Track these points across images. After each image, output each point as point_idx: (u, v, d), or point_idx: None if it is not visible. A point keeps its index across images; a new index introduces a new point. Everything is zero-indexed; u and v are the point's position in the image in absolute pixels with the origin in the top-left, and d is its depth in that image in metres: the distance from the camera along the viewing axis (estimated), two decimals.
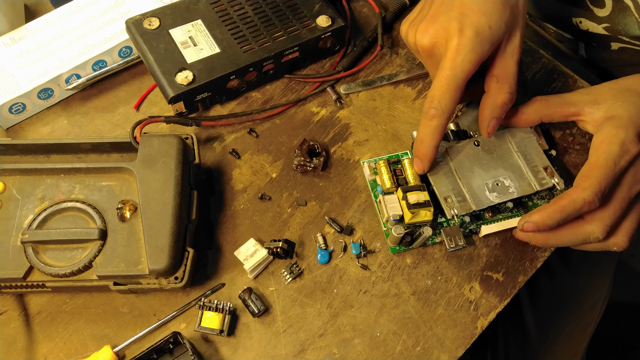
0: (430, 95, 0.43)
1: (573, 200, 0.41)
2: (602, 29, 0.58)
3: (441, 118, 0.43)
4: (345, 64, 0.56)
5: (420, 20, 0.45)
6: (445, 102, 0.42)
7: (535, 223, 0.42)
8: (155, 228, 0.42)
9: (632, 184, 0.43)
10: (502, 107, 0.44)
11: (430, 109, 0.43)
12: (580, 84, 0.56)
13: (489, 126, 0.45)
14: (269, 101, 0.55)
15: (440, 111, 0.42)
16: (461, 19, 0.42)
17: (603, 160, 0.42)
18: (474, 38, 0.41)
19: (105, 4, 0.56)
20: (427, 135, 0.44)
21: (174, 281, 0.42)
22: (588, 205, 0.41)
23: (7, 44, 0.53)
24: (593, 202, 0.41)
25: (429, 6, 0.45)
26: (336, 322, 0.44)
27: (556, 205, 0.42)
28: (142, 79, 0.56)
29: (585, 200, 0.41)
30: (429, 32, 0.43)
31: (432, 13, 0.44)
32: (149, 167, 0.44)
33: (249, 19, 0.53)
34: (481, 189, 0.45)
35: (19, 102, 0.51)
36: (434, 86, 0.42)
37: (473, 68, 0.42)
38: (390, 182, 0.46)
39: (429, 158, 0.45)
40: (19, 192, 0.44)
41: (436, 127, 0.43)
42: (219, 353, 0.43)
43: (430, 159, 0.45)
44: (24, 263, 0.42)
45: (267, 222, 0.48)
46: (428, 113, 0.43)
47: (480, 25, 0.41)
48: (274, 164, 0.51)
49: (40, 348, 0.43)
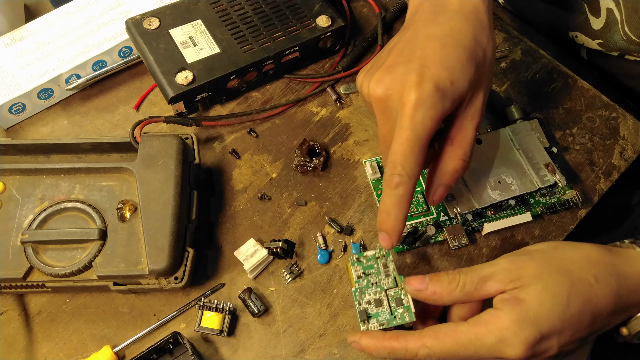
0: (391, 161, 0.37)
1: (405, 348, 0.36)
2: (596, 45, 0.57)
3: (407, 185, 0.37)
4: (345, 64, 0.56)
5: (376, 69, 0.39)
6: (410, 166, 0.37)
7: (362, 348, 0.38)
8: (155, 228, 0.42)
9: None
10: (452, 175, 0.40)
11: (393, 177, 0.37)
12: (580, 84, 0.56)
13: (435, 194, 0.40)
14: (269, 101, 0.54)
15: (406, 177, 0.37)
16: (421, 71, 0.36)
17: (466, 339, 0.35)
18: (434, 93, 0.36)
19: (105, 4, 0.56)
20: (393, 207, 0.38)
21: (174, 281, 0.42)
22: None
23: (7, 44, 0.53)
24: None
25: (386, 55, 0.40)
26: (336, 322, 0.44)
27: (388, 344, 0.37)
28: (142, 79, 0.56)
29: (416, 356, 0.36)
30: (383, 82, 0.38)
31: (389, 62, 0.39)
32: (149, 167, 0.44)
33: (249, 19, 0.53)
34: (483, 187, 0.45)
35: (19, 102, 0.51)
36: (395, 150, 0.37)
37: (434, 126, 0.37)
38: None
39: (397, 231, 0.38)
40: (19, 192, 0.44)
41: (402, 195, 0.37)
42: (219, 353, 0.43)
43: (399, 232, 0.38)
44: (24, 263, 0.42)
45: (267, 222, 0.48)
46: (392, 181, 0.37)
47: (442, 79, 0.36)
48: (274, 164, 0.51)
49: (40, 348, 0.43)
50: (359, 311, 0.41)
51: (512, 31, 0.59)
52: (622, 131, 0.53)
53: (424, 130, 0.36)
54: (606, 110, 0.54)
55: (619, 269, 0.38)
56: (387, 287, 0.42)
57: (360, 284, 0.42)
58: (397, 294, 0.41)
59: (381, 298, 0.41)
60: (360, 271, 0.43)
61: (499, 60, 0.57)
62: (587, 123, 0.53)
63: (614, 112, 0.54)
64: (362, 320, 0.41)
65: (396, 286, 0.42)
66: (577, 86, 0.56)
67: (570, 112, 0.54)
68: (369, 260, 0.43)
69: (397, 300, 0.41)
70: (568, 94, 0.55)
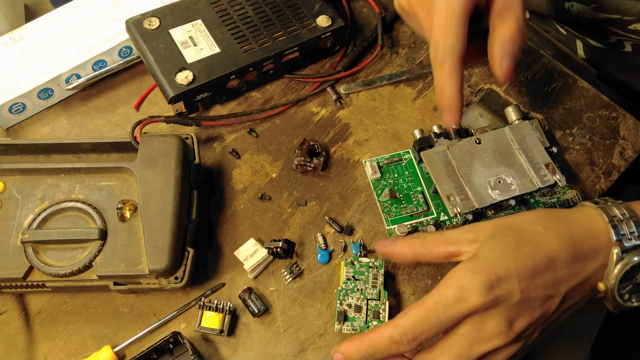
0: (433, 41, 0.38)
1: (380, 335, 0.35)
2: (591, 10, 0.55)
3: (451, 59, 0.38)
4: (345, 64, 0.56)
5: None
6: (450, 40, 0.37)
7: (344, 354, 0.37)
8: (155, 228, 0.42)
9: (468, 342, 0.35)
10: (512, 41, 0.39)
11: (437, 55, 0.38)
12: (580, 84, 0.56)
13: (503, 67, 0.39)
14: (269, 101, 0.54)
15: (448, 51, 0.37)
16: None
17: (431, 302, 0.35)
18: None
19: (105, 4, 0.56)
20: (444, 83, 0.39)
21: (174, 281, 0.42)
22: (396, 346, 0.35)
23: (7, 44, 0.53)
24: (401, 344, 0.35)
25: None
26: None
27: (364, 338, 0.36)
28: (142, 79, 0.56)
29: (392, 339, 0.35)
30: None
31: None
32: (149, 167, 0.44)
33: (249, 19, 0.53)
34: (483, 187, 0.45)
35: (19, 102, 0.51)
36: (434, 30, 0.38)
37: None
38: None
39: (457, 106, 0.39)
40: (19, 192, 0.44)
41: (450, 71, 0.38)
42: (219, 353, 0.43)
43: (459, 107, 0.39)
44: (24, 263, 0.42)
45: (267, 222, 0.48)
46: (436, 60, 0.38)
47: None
48: (274, 163, 0.51)
49: (40, 348, 0.43)
50: (337, 311, 0.42)
51: None
52: (622, 131, 0.53)
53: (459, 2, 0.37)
54: (606, 110, 0.54)
55: (570, 220, 0.39)
56: (370, 298, 0.43)
57: (347, 285, 0.43)
58: (377, 307, 0.43)
59: (361, 305, 0.43)
60: (351, 274, 0.44)
61: None
62: (587, 123, 0.53)
63: (614, 112, 0.54)
64: (338, 320, 0.42)
65: (379, 299, 0.43)
66: (577, 86, 0.56)
67: (570, 112, 0.54)
68: (362, 267, 0.44)
69: (374, 313, 0.42)
70: (568, 94, 0.55)
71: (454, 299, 0.35)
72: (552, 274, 0.36)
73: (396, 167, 0.50)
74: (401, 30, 0.59)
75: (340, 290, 0.43)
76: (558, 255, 0.37)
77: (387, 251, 0.41)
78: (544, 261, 0.36)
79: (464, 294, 0.35)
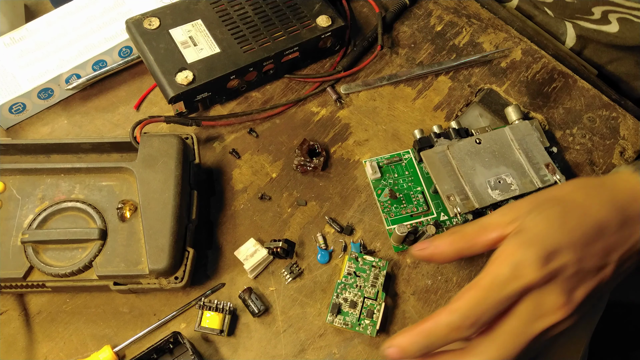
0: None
1: (437, 323, 0.34)
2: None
3: None
4: (345, 64, 0.56)
5: None
6: None
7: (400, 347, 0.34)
8: (155, 228, 0.42)
9: (529, 319, 0.34)
10: None
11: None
12: (580, 84, 0.56)
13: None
14: (269, 101, 0.54)
15: None
16: None
17: (485, 282, 0.34)
18: None
19: (105, 4, 0.56)
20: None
21: (174, 281, 0.42)
22: (456, 332, 0.33)
23: (7, 44, 0.53)
24: (462, 329, 0.33)
25: None
26: None
27: (420, 328, 0.34)
28: (142, 79, 0.56)
29: (451, 325, 0.33)
30: None
31: None
32: (149, 167, 0.44)
33: (249, 19, 0.53)
34: (483, 187, 0.45)
35: (19, 102, 0.51)
36: None
37: None
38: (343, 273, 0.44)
39: None
40: (19, 192, 0.44)
41: None
42: (219, 353, 0.43)
43: None
44: (24, 263, 0.42)
45: (267, 222, 0.48)
46: None
47: None
48: (274, 163, 0.51)
49: (40, 348, 0.43)
50: (332, 303, 0.43)
51: (512, 31, 0.59)
52: (622, 131, 0.53)
53: None
54: (606, 110, 0.54)
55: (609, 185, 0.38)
56: (367, 296, 0.43)
57: (347, 280, 0.44)
58: (372, 306, 0.43)
59: (357, 302, 0.43)
60: (353, 269, 0.44)
61: (499, 60, 0.57)
62: (587, 123, 0.53)
63: (614, 112, 0.54)
64: (331, 311, 0.42)
65: (375, 300, 0.43)
66: (577, 86, 0.56)
67: (570, 112, 0.54)
68: (365, 264, 0.44)
69: (368, 312, 0.43)
70: (568, 94, 0.55)
71: (509, 277, 0.34)
72: (603, 241, 0.35)
73: (396, 167, 0.50)
74: (401, 30, 0.59)
75: (340, 283, 0.43)
76: (606, 222, 0.36)
77: (428, 254, 0.39)
78: (593, 230, 0.36)
79: (519, 270, 0.34)
